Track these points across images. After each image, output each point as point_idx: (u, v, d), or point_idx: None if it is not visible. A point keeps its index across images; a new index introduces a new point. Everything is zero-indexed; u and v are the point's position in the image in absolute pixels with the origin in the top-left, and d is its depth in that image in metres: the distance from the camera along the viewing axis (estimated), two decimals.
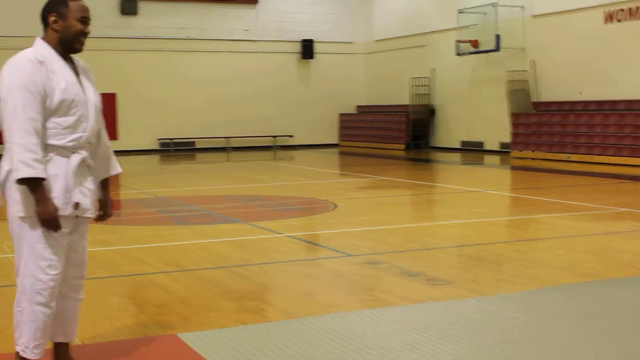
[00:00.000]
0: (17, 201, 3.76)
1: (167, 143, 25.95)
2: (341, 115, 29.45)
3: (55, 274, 3.80)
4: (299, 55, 28.41)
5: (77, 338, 4.11)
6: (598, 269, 6.83)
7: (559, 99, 21.18)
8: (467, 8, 23.26)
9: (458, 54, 23.53)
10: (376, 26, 28.92)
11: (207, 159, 23.48)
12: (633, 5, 19.03)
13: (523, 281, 6.36)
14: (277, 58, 28.11)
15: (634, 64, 19.00)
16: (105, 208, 4.13)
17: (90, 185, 3.93)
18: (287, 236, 8.99)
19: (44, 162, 3.68)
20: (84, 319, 5.18)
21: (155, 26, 25.82)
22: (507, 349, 4.46)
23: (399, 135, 26.66)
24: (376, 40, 28.97)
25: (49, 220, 3.70)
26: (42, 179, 3.67)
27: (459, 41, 23.34)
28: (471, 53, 23.29)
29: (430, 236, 9.17)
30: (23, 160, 3.61)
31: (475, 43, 22.84)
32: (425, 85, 26.14)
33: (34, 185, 3.66)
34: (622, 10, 19.32)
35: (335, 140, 29.47)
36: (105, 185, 4.16)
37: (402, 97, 26.95)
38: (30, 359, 3.86)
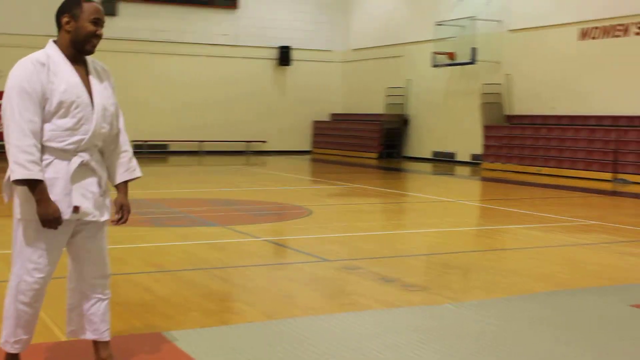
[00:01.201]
0: (15, 203, 3.83)
1: (141, 145, 25.93)
2: (315, 122, 29.62)
3: (41, 277, 3.83)
4: (276, 62, 28.54)
5: (109, 336, 4.09)
6: (569, 279, 7.04)
7: (531, 113, 21.52)
8: (445, 21, 23.55)
9: (434, 66, 23.80)
10: (354, 35, 29.15)
11: (180, 162, 23.52)
12: (607, 23, 19.42)
13: (496, 289, 6.54)
14: (254, 63, 28.23)
15: (606, 81, 19.38)
16: (122, 212, 4.06)
17: (94, 189, 3.90)
18: (265, 240, 9.12)
19: (41, 163, 3.69)
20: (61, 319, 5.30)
21: (134, 28, 25.81)
22: (484, 353, 4.62)
23: (372, 144, 26.88)
24: (353, 49, 29.19)
25: (50, 221, 3.71)
26: (40, 181, 3.68)
27: (435, 53, 23.61)
28: (447, 65, 23.56)
29: (404, 243, 9.36)
30: (18, 161, 3.63)
31: (452, 55, 23.12)
32: (400, 95, 26.38)
33: (33, 187, 3.68)
34: (597, 28, 19.70)
35: (308, 147, 29.62)
36: (123, 189, 4.10)
37: (376, 106, 27.19)
38: (9, 352, 3.95)
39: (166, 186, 15.50)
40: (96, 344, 4.10)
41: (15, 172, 3.64)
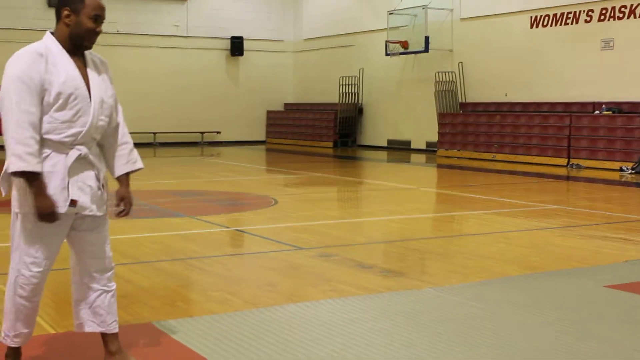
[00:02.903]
0: (13, 196, 3.79)
1: None
2: (269, 112, 29.61)
3: (38, 271, 3.81)
4: (228, 52, 28.45)
5: (117, 328, 4.07)
6: (541, 262, 7.19)
7: (485, 100, 21.80)
8: (397, 10, 23.71)
9: (387, 55, 23.94)
10: (306, 25, 29.17)
11: None
12: (558, 11, 19.75)
13: (473, 273, 6.66)
14: (206, 54, 28.12)
15: (558, 68, 19.73)
16: (124, 204, 4.05)
17: (91, 182, 3.86)
18: (236, 230, 9.14)
19: (39, 156, 3.65)
20: (52, 311, 5.29)
21: None
22: (472, 334, 4.73)
23: (327, 133, 26.97)
24: (305, 39, 29.22)
25: (46, 215, 3.68)
26: (38, 173, 3.64)
27: (388, 42, 23.75)
28: (401, 54, 23.72)
29: (374, 230, 9.45)
30: (16, 153, 3.58)
31: (405, 44, 23.28)
32: (353, 84, 26.50)
33: (30, 180, 3.64)
34: (548, 15, 20.04)
35: (262, 137, 29.62)
36: (125, 181, 4.08)
37: (330, 95, 27.27)
38: (9, 345, 3.93)
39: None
40: (104, 336, 4.08)
41: (13, 164, 3.59)
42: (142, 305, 5.50)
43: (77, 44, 3.82)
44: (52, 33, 3.85)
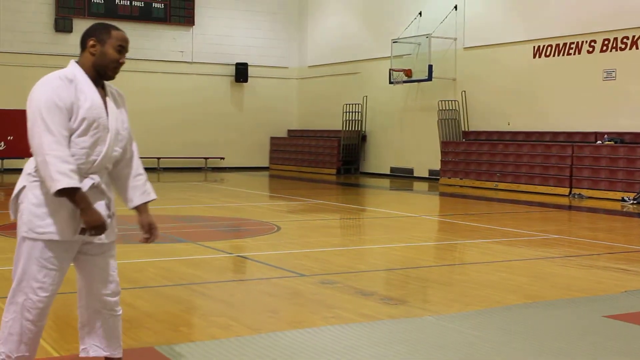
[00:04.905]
0: (22, 220, 3.84)
1: None
2: (272, 138, 29.73)
3: (45, 296, 3.86)
4: (232, 78, 28.62)
5: (121, 353, 4.15)
6: (541, 291, 7.23)
7: (488, 129, 21.90)
8: (401, 38, 23.88)
9: (391, 83, 24.09)
10: (310, 52, 29.36)
11: None
12: (560, 41, 19.90)
13: (473, 301, 6.70)
14: (211, 80, 28.29)
15: (560, 97, 19.84)
16: (151, 230, 4.18)
17: (101, 210, 3.92)
18: (238, 256, 9.20)
19: (78, 172, 3.73)
20: (54, 334, 5.33)
21: None
22: None
23: (330, 160, 27.06)
24: (310, 66, 29.40)
25: (97, 227, 3.77)
26: (80, 189, 3.72)
27: (392, 70, 23.90)
28: (404, 82, 23.85)
29: (376, 258, 9.50)
30: (61, 171, 3.64)
31: (409, 72, 23.42)
32: (357, 112, 26.62)
33: (74, 196, 3.71)
34: (550, 45, 20.18)
35: (265, 164, 29.71)
36: (145, 209, 4.19)
37: (334, 122, 27.39)
38: None
39: None
40: None
41: (60, 181, 3.64)
42: (144, 329, 5.55)
43: (101, 74, 3.94)
44: (76, 62, 3.96)
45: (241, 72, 28.44)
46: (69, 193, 3.71)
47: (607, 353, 5.07)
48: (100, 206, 3.93)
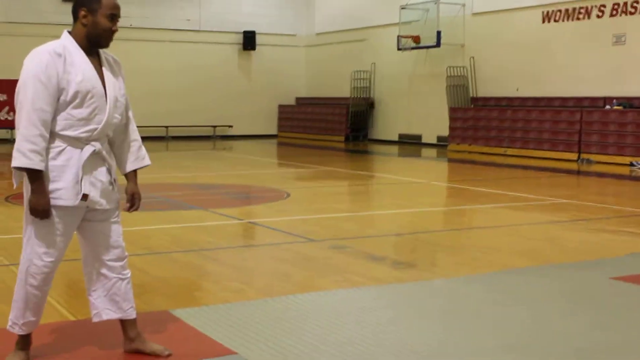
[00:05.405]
0: (26, 189, 3.89)
1: None
2: (280, 106, 29.72)
3: (50, 261, 3.91)
4: (240, 47, 28.56)
5: (135, 314, 4.20)
6: (549, 254, 7.30)
7: (496, 95, 21.86)
8: (409, 4, 23.77)
9: (399, 49, 24.02)
10: (318, 19, 29.25)
11: (147, 148, 22.79)
12: (570, 6, 19.79)
13: (482, 265, 6.78)
14: (218, 49, 28.24)
15: (569, 63, 19.78)
16: (133, 200, 4.20)
17: (103, 177, 3.97)
18: (249, 222, 9.28)
19: (44, 154, 3.76)
20: (71, 299, 5.43)
21: None
22: (481, 325, 4.84)
23: (338, 128, 27.06)
24: (317, 34, 29.31)
25: (38, 212, 3.80)
26: (40, 171, 3.76)
27: (400, 36, 23.82)
28: (412, 48, 23.78)
29: (385, 223, 9.57)
30: (20, 149, 3.71)
31: (417, 39, 23.34)
32: (365, 79, 26.59)
33: (31, 176, 3.77)
34: (560, 10, 20.08)
35: (274, 132, 29.74)
36: (133, 177, 4.23)
37: (342, 90, 27.36)
38: (18, 334, 4.02)
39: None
40: (123, 323, 4.20)
41: (17, 159, 3.73)
42: (157, 294, 5.64)
43: (94, 43, 3.95)
44: (69, 32, 3.96)
45: (249, 40, 28.37)
46: (28, 172, 3.77)
47: (615, 312, 5.14)
48: (101, 172, 3.97)
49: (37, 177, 3.77)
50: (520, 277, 6.18)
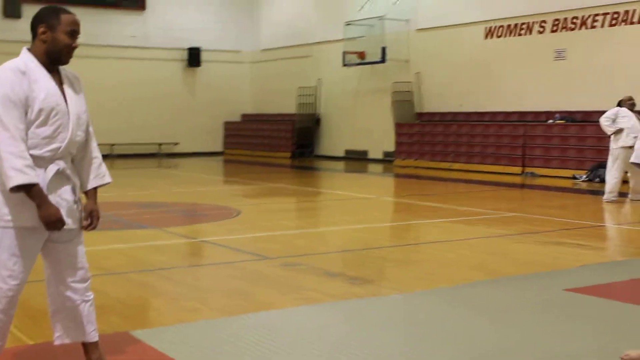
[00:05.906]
0: None
1: None
2: (226, 123, 29.66)
3: (15, 284, 3.83)
4: (185, 63, 28.46)
5: (97, 336, 4.14)
6: (502, 267, 7.42)
7: (441, 110, 22.13)
8: (354, 20, 23.96)
9: (345, 65, 24.18)
10: (263, 36, 29.31)
11: None
12: (512, 22, 20.16)
13: (437, 279, 6.85)
14: (163, 65, 28.09)
15: (512, 78, 20.13)
16: (92, 217, 4.07)
17: (68, 196, 3.91)
18: (202, 241, 9.25)
19: (35, 167, 3.69)
20: (29, 321, 5.35)
21: None
22: (443, 338, 4.89)
23: (284, 144, 27.09)
24: (263, 50, 29.35)
25: (54, 222, 3.74)
26: (37, 185, 3.68)
27: (346, 52, 23.98)
28: (358, 64, 23.96)
29: (337, 239, 9.61)
30: (16, 167, 3.61)
31: (362, 55, 23.54)
32: (311, 95, 26.69)
33: (31, 192, 3.68)
34: (502, 26, 20.44)
35: (219, 149, 29.65)
36: (93, 195, 4.12)
37: (288, 106, 27.42)
38: None
39: None
40: (85, 345, 4.14)
41: (14, 178, 3.61)
42: (116, 315, 5.58)
43: (54, 60, 3.88)
44: (28, 49, 3.89)
45: (194, 57, 28.30)
46: (25, 189, 3.68)
47: (570, 323, 5.25)
48: (66, 191, 3.91)
49: (37, 191, 3.70)
50: (477, 290, 6.27)
